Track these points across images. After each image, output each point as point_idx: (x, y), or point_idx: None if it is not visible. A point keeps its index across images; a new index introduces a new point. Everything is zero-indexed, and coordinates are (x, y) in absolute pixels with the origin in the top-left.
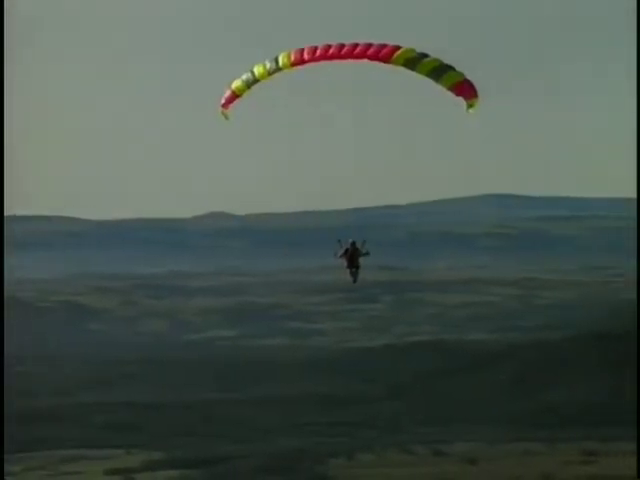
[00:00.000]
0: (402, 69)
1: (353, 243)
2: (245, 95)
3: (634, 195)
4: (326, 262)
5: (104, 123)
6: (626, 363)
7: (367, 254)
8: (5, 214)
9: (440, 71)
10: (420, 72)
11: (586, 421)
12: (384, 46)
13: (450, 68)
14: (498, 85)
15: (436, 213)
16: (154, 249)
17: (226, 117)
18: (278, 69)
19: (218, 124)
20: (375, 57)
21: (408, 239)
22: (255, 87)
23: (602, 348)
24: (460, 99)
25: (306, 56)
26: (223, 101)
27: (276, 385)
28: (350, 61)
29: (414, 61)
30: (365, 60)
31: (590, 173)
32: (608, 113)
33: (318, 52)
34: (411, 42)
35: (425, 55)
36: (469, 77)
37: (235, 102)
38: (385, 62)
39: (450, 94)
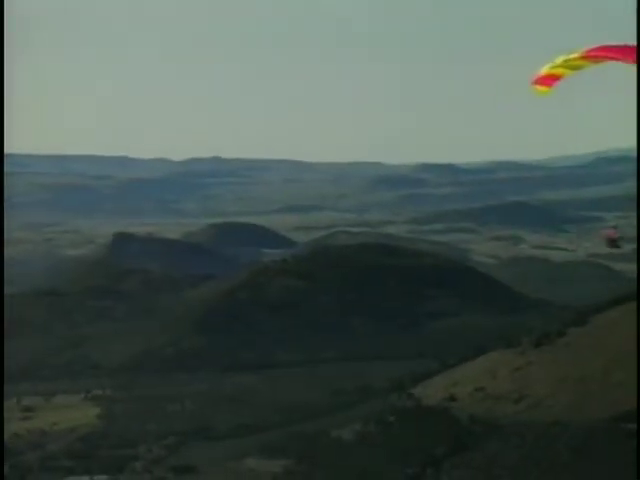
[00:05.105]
0: None
1: (614, 226)
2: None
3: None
4: None
5: None
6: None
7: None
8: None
9: None
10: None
11: (26, 377)
12: None
13: None
14: None
15: None
16: None
17: (538, 93)
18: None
19: None
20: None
21: None
22: None
23: (44, 303)
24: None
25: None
26: (537, 79)
27: None
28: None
29: None
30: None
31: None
32: None
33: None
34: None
35: None
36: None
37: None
38: None
39: None
